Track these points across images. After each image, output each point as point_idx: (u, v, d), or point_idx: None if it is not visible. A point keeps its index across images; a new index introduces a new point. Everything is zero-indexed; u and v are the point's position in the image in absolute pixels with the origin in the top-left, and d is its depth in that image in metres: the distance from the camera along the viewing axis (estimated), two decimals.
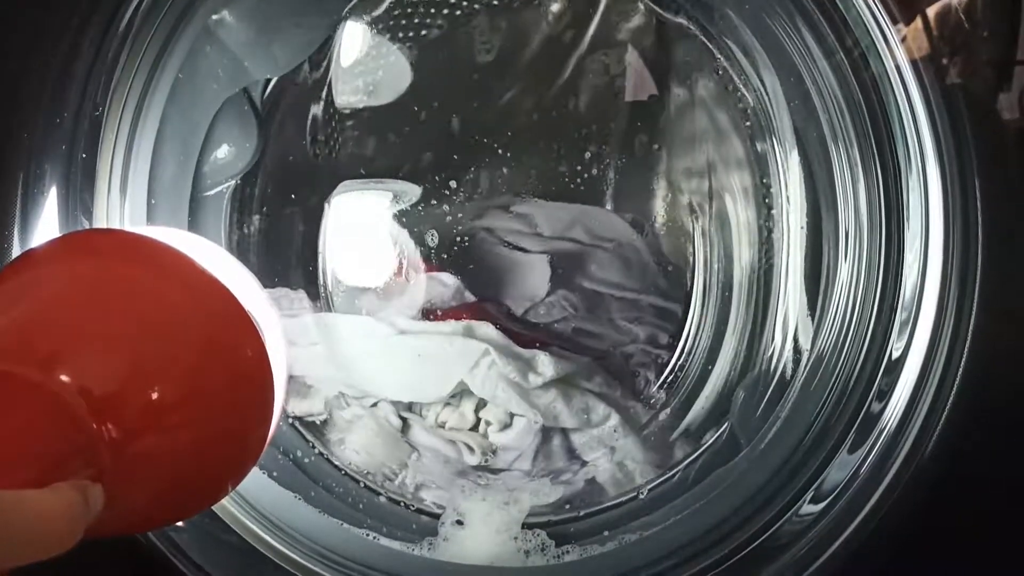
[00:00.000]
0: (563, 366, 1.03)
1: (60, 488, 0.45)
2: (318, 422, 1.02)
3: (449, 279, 1.10)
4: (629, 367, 1.11)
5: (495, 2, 1.09)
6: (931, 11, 0.66)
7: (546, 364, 1.02)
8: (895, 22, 0.69)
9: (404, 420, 1.05)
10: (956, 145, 0.68)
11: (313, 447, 1.00)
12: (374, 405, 1.05)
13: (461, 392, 1.05)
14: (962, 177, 0.68)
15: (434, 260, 1.11)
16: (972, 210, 0.68)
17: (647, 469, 1.00)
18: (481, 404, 1.05)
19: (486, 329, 1.05)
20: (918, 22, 0.67)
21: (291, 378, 1.03)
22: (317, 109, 1.07)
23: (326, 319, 1.06)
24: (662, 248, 1.14)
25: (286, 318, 1.04)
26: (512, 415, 1.04)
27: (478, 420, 1.06)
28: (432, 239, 1.10)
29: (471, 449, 1.02)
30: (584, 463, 1.03)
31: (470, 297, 1.11)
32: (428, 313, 1.09)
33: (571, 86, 1.13)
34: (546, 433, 1.04)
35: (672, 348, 1.09)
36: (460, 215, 1.13)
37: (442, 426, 1.05)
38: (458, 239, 1.13)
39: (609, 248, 1.15)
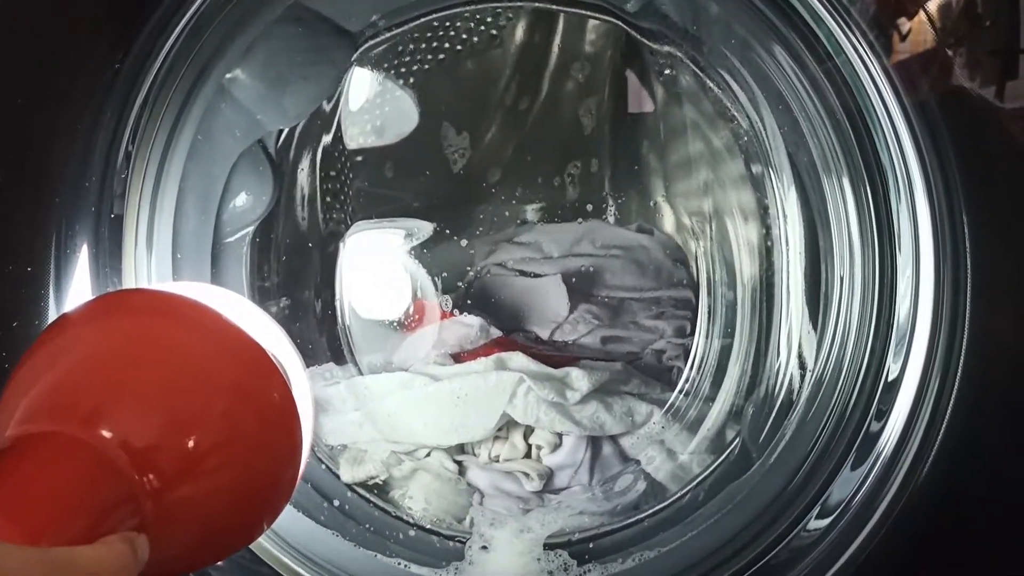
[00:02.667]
0: (597, 376, 1.05)
1: (110, 541, 0.48)
2: (380, 482, 1.05)
3: (472, 320, 1.13)
4: (662, 363, 1.13)
5: (494, 32, 1.12)
6: (932, 4, 0.68)
7: (580, 378, 1.04)
8: (870, 44, 0.72)
9: (459, 463, 1.07)
10: (941, 167, 0.71)
11: (352, 490, 1.03)
12: (428, 455, 1.07)
13: (507, 424, 1.07)
14: (948, 198, 0.71)
15: (452, 305, 1.13)
16: (960, 230, 0.70)
17: (703, 458, 1.02)
18: (529, 431, 1.08)
19: (517, 358, 1.08)
20: (921, 15, 0.69)
21: (344, 447, 1.06)
22: (328, 153, 1.10)
23: (360, 383, 1.09)
24: (669, 242, 1.17)
25: (322, 390, 1.07)
26: (560, 434, 1.06)
27: (529, 447, 1.08)
28: (445, 293, 1.13)
29: (528, 476, 1.05)
30: (638, 463, 1.06)
31: (495, 332, 1.13)
32: (457, 356, 1.12)
33: (568, 117, 1.16)
34: (596, 443, 1.07)
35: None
36: (470, 256, 1.17)
37: (496, 460, 1.07)
38: (472, 280, 1.17)
39: (619, 255, 1.18)
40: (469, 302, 1.15)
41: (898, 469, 0.73)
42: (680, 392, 1.09)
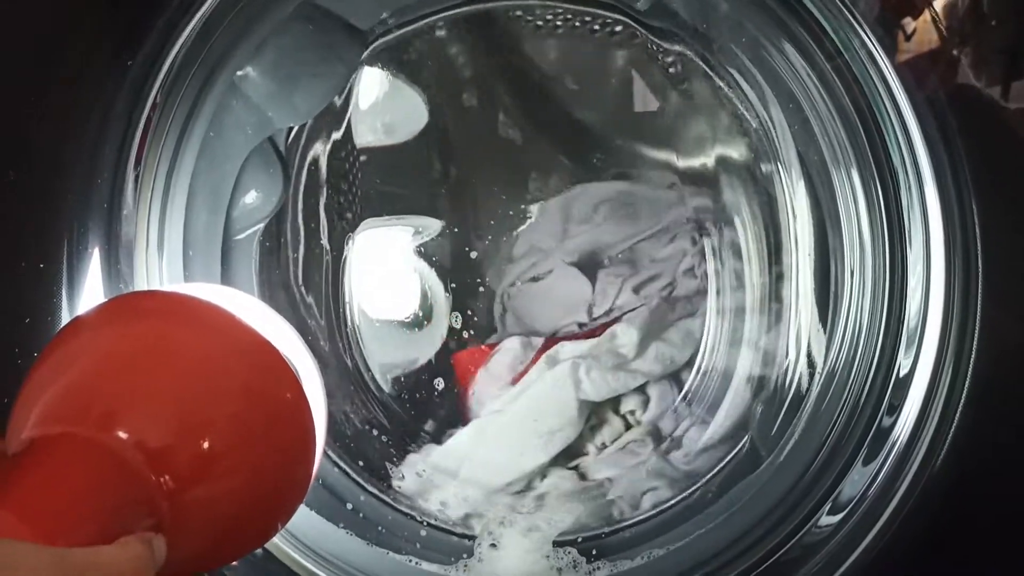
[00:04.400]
0: (639, 322, 1.05)
1: (128, 542, 0.48)
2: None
3: (510, 343, 1.13)
4: (695, 276, 1.13)
5: (505, 30, 1.12)
6: (938, 3, 0.68)
7: (625, 332, 1.05)
8: (880, 40, 0.72)
9: (576, 468, 1.06)
10: (951, 162, 0.71)
11: (365, 490, 1.02)
12: (544, 479, 1.05)
13: (592, 410, 1.07)
14: (959, 194, 0.71)
15: (461, 320, 1.15)
16: (970, 226, 0.71)
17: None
18: (615, 403, 1.07)
19: (564, 348, 1.08)
20: (927, 15, 0.69)
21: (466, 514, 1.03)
22: (338, 151, 1.10)
23: (439, 458, 1.06)
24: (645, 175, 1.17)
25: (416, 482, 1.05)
26: (642, 390, 1.06)
27: (624, 417, 1.08)
28: (469, 327, 1.15)
29: (641, 442, 1.04)
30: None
31: (538, 341, 1.14)
32: (514, 380, 1.11)
33: (580, 114, 1.16)
34: (676, 378, 1.07)
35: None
36: (477, 260, 1.18)
37: (605, 446, 1.07)
38: (499, 311, 1.18)
39: (607, 213, 1.17)
40: (499, 330, 1.16)
41: (910, 464, 0.73)
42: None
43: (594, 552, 0.94)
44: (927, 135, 0.72)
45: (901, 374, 0.79)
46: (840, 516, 0.78)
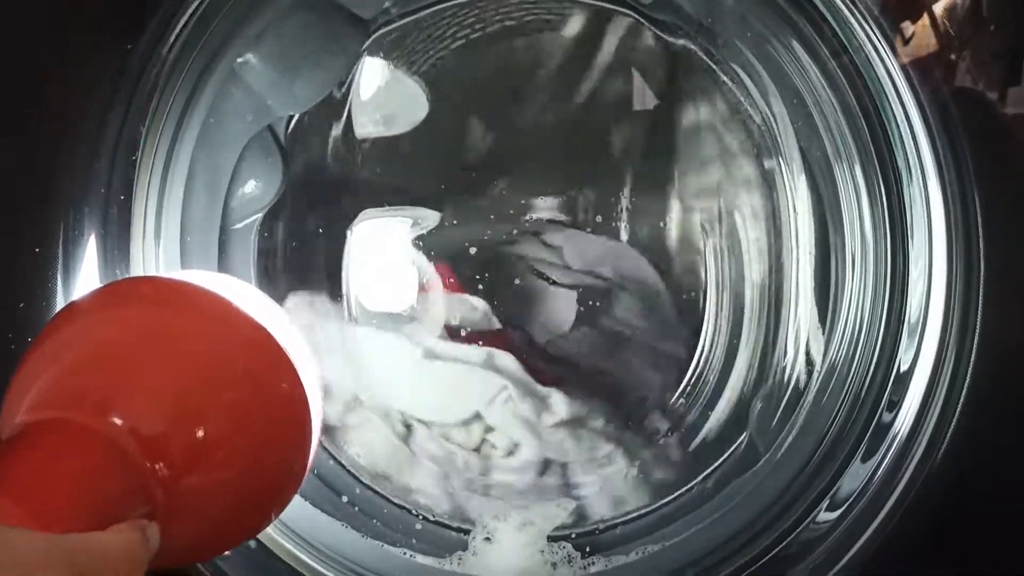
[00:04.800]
0: (576, 407, 1.04)
1: (122, 528, 0.48)
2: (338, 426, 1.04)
3: (479, 303, 1.12)
4: (643, 409, 1.11)
5: (510, 23, 1.12)
6: (937, 7, 0.68)
7: (560, 404, 1.04)
8: (885, 35, 0.72)
9: (409, 426, 1.07)
10: (954, 158, 0.71)
11: (361, 483, 1.03)
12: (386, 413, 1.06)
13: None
14: (962, 190, 0.71)
15: (465, 280, 1.13)
16: (973, 222, 0.71)
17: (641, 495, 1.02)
18: (490, 427, 1.07)
19: (507, 361, 1.07)
20: (925, 19, 0.69)
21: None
22: (338, 141, 1.10)
23: (353, 332, 1.08)
24: (680, 290, 1.15)
25: (314, 324, 1.06)
26: (518, 444, 1.06)
27: (484, 441, 1.07)
28: (466, 264, 1.13)
29: (465, 460, 1.04)
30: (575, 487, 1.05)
31: (496, 323, 1.12)
32: (453, 333, 1.11)
33: (584, 109, 1.15)
34: (547, 465, 1.06)
35: (684, 391, 1.10)
36: (487, 285, 1.16)
37: (447, 439, 1.07)
38: (491, 263, 1.16)
39: (633, 291, 1.16)
40: (479, 278, 1.14)
41: (910, 460, 0.73)
42: (651, 446, 1.08)
43: (588, 547, 0.94)
44: (931, 132, 0.72)
45: (901, 370, 0.78)
46: (838, 512, 0.78)
